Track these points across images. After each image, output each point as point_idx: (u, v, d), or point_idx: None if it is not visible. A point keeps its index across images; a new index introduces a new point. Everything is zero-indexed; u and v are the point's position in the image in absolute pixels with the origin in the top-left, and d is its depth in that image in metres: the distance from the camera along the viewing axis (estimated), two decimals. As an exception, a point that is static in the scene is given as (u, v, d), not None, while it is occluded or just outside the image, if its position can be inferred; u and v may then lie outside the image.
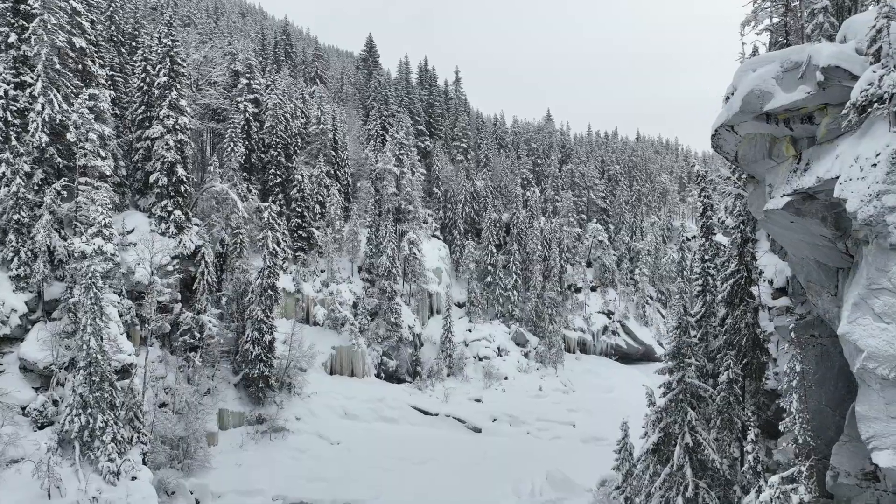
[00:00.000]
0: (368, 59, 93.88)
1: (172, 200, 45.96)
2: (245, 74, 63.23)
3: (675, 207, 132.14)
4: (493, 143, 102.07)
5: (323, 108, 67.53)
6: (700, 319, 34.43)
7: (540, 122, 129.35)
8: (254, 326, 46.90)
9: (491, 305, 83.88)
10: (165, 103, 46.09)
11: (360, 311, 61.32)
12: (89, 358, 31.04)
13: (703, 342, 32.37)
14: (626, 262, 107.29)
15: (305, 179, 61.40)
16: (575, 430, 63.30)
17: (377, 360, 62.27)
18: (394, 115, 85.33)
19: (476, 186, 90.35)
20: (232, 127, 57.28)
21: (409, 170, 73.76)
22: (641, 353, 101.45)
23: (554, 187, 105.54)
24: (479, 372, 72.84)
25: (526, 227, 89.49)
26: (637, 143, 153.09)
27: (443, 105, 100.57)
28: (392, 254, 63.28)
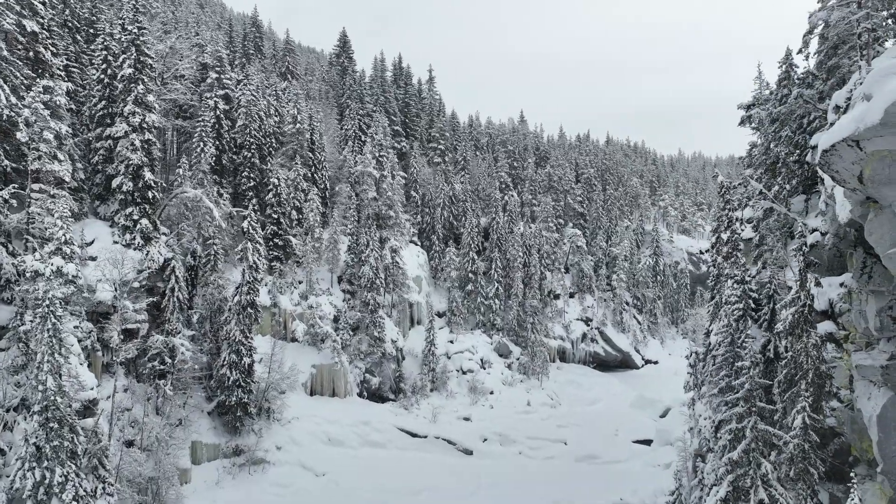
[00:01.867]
0: (342, 55, 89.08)
1: (139, 208, 40.77)
2: (215, 68, 57.98)
3: (647, 211, 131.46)
4: (470, 145, 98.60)
5: (300, 106, 62.70)
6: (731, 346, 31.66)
7: (514, 123, 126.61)
8: (231, 348, 42.11)
9: (472, 314, 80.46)
10: (130, 98, 40.85)
11: (341, 326, 56.91)
12: (46, 400, 26.09)
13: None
14: (603, 268, 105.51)
15: (282, 183, 56.61)
16: (567, 448, 60.48)
17: (360, 378, 58.00)
18: (370, 115, 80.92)
19: (455, 190, 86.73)
20: (201, 125, 52.09)
21: (390, 173, 69.57)
22: (619, 361, 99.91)
23: (531, 191, 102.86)
24: (463, 386, 69.31)
25: (506, 233, 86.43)
26: (607, 146, 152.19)
27: (418, 105, 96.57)
28: (375, 263, 59.04)
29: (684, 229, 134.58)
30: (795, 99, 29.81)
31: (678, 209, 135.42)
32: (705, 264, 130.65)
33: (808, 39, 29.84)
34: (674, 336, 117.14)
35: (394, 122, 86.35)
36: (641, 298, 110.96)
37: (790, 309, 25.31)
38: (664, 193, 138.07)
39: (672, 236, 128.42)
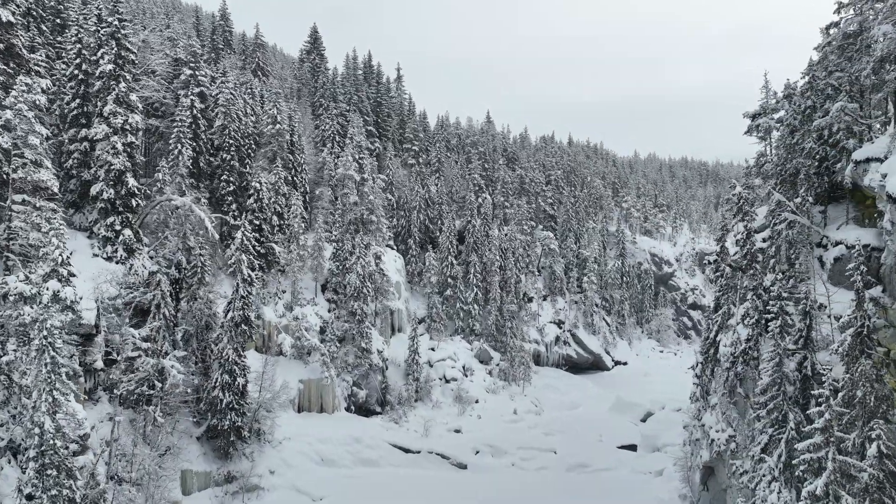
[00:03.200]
0: (313, 52, 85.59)
1: (121, 217, 37.25)
2: (189, 63, 54.23)
3: (610, 213, 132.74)
4: (442, 146, 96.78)
5: (279, 106, 59.44)
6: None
7: (480, 124, 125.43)
8: (223, 368, 39.04)
9: (451, 320, 78.83)
10: (111, 97, 37.22)
11: (327, 338, 54.23)
12: (43, 444, 22.98)
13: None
14: (573, 270, 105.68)
15: (263, 187, 53.43)
16: (557, 458, 59.67)
17: (347, 392, 55.51)
18: (343, 115, 78.02)
19: (430, 192, 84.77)
20: (178, 126, 48.44)
21: (370, 176, 67.08)
22: (590, 363, 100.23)
23: (503, 193, 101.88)
24: (448, 395, 67.61)
25: (482, 237, 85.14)
26: (570, 147, 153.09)
27: (389, 105, 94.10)
28: (362, 271, 56.58)
29: (646, 230, 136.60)
30: (839, 112, 29.35)
31: (640, 210, 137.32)
32: (668, 265, 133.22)
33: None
34: (639, 336, 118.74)
35: (367, 122, 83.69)
36: (610, 300, 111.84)
37: (848, 330, 24.62)
38: (626, 195, 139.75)
39: (635, 237, 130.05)
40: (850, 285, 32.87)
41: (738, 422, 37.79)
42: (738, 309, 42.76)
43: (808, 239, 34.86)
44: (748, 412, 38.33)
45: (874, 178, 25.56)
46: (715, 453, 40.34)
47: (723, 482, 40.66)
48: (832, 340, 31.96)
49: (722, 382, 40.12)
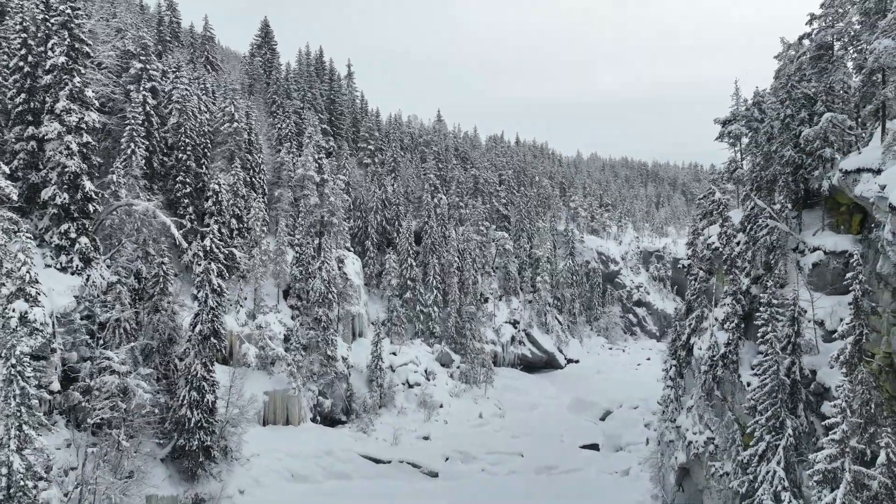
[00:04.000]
0: (264, 46, 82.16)
1: (76, 224, 34.16)
2: (139, 56, 50.77)
3: (558, 212, 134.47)
4: (398, 146, 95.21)
5: (236, 103, 56.52)
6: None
7: (432, 122, 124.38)
8: (191, 385, 36.49)
9: (410, 323, 77.58)
10: (64, 93, 34.02)
11: (292, 346, 52.00)
12: (12, 486, 20.52)
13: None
14: (527, 270, 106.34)
15: (223, 189, 50.65)
16: (525, 461, 59.55)
17: (313, 401, 53.48)
18: (298, 113, 75.29)
19: (387, 193, 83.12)
20: (131, 124, 45.17)
21: (331, 176, 64.95)
22: (544, 362, 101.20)
23: (458, 193, 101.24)
24: (412, 401, 66.41)
25: (440, 238, 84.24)
26: (517, 146, 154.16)
27: (342, 102, 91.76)
28: (327, 276, 54.61)
29: (593, 230, 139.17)
30: (828, 122, 29.98)
31: (587, 210, 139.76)
32: (614, 264, 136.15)
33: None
34: (589, 334, 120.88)
35: (322, 120, 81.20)
36: (561, 299, 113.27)
37: (848, 338, 25.06)
38: (573, 195, 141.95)
39: (582, 237, 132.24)
40: (828, 290, 34.02)
41: (717, 424, 38.40)
42: (713, 312, 43.59)
43: (787, 245, 35.66)
44: (726, 415, 39.06)
45: (869, 188, 26.14)
46: (693, 455, 40.91)
47: (700, 483, 41.28)
48: (814, 345, 32.88)
49: (699, 385, 40.72)
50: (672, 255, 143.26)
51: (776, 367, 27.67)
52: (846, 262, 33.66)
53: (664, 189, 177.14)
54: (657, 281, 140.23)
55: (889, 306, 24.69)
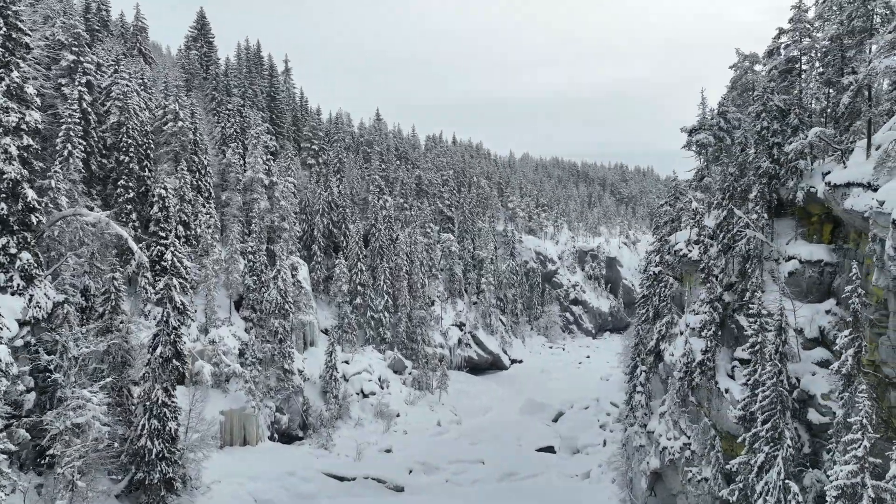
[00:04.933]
0: (199, 39, 77.10)
1: (16, 238, 30.24)
2: (72, 47, 46.16)
3: (497, 213, 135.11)
4: (342, 145, 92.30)
5: (181, 100, 52.50)
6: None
7: (371, 121, 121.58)
8: (151, 413, 33.20)
9: (361, 329, 75.31)
10: (0, 89, 30.00)
11: (248, 361, 48.95)
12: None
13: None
14: (471, 272, 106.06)
15: (170, 194, 46.89)
16: (486, 468, 58.95)
17: (270, 418, 50.58)
18: (239, 111, 71.29)
19: (333, 195, 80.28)
20: (67, 122, 40.87)
21: (279, 179, 61.78)
22: (490, 363, 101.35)
23: (402, 194, 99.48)
24: (367, 411, 64.37)
25: (387, 241, 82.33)
26: (454, 146, 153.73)
27: (283, 99, 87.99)
28: (283, 286, 51.75)
29: (530, 230, 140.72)
30: (815, 136, 30.62)
31: (525, 210, 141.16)
32: (552, 263, 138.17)
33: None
34: (530, 334, 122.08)
35: (263, 118, 77.35)
36: (504, 299, 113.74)
37: (848, 350, 25.56)
38: (511, 195, 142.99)
39: (521, 237, 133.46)
40: (808, 298, 35.03)
41: (695, 430, 38.90)
42: (683, 318, 44.28)
43: (763, 254, 36.49)
44: (703, 420, 39.68)
45: (863, 203, 26.76)
46: (668, 461, 41.38)
47: (674, 488, 41.80)
48: (795, 353, 33.72)
49: (674, 391, 41.19)
50: (606, 254, 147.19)
51: (776, 378, 27.93)
52: (821, 271, 34.80)
53: (595, 189, 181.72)
54: (592, 279, 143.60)
55: (872, 315, 25.32)
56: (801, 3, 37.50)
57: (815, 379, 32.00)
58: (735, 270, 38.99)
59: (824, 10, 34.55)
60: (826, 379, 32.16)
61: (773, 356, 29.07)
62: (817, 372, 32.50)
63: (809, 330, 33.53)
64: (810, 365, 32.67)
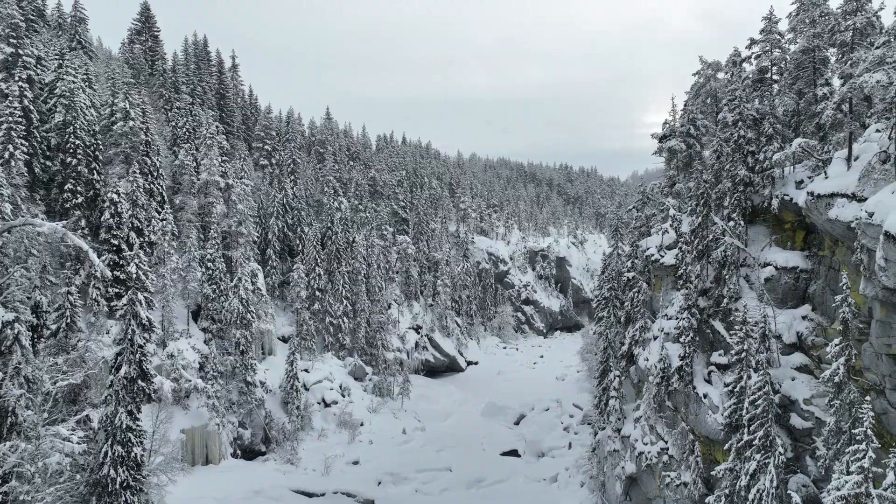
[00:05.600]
0: (144, 32, 72.81)
1: (-40, 251, 27.31)
2: (9, 39, 42.52)
3: (449, 213, 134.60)
4: (297, 145, 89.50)
5: (132, 98, 49.21)
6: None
7: (321, 120, 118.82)
8: (114, 438, 30.66)
9: (319, 335, 73.12)
10: (-60, 86, 26.95)
11: (209, 374, 46.40)
12: None
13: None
14: (427, 273, 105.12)
15: (122, 199, 43.87)
16: (454, 475, 58.25)
17: (233, 434, 48.16)
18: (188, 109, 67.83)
19: (288, 197, 77.66)
20: (8, 121, 37.51)
21: (237, 181, 59.09)
22: (446, 366, 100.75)
23: (357, 195, 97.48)
24: (330, 421, 62.44)
25: (344, 244, 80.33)
26: (404, 146, 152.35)
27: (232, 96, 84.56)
28: (245, 295, 49.37)
29: (482, 230, 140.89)
30: (801, 148, 31.14)
31: (476, 211, 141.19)
32: (503, 264, 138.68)
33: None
34: (484, 335, 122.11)
35: (214, 117, 73.98)
36: (459, 301, 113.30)
37: (840, 359, 26.01)
38: (462, 195, 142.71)
39: (473, 237, 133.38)
40: (779, 304, 35.79)
41: (674, 436, 39.21)
42: (656, 323, 44.63)
43: (738, 260, 37.09)
44: (679, 425, 40.07)
45: (851, 213, 27.32)
46: (645, 465, 41.64)
47: (650, 492, 42.08)
48: (775, 359, 34.37)
49: (650, 396, 41.46)
50: (556, 254, 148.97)
51: (767, 386, 28.21)
52: (797, 277, 35.65)
53: (542, 189, 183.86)
54: (543, 279, 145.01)
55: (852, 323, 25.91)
56: (772, 15, 38.47)
57: (795, 384, 32.72)
58: (710, 276, 39.63)
59: (797, 23, 35.35)
60: (806, 384, 33.01)
61: (761, 364, 29.41)
62: (797, 377, 33.27)
63: (788, 335, 34.26)
64: (789, 370, 33.44)
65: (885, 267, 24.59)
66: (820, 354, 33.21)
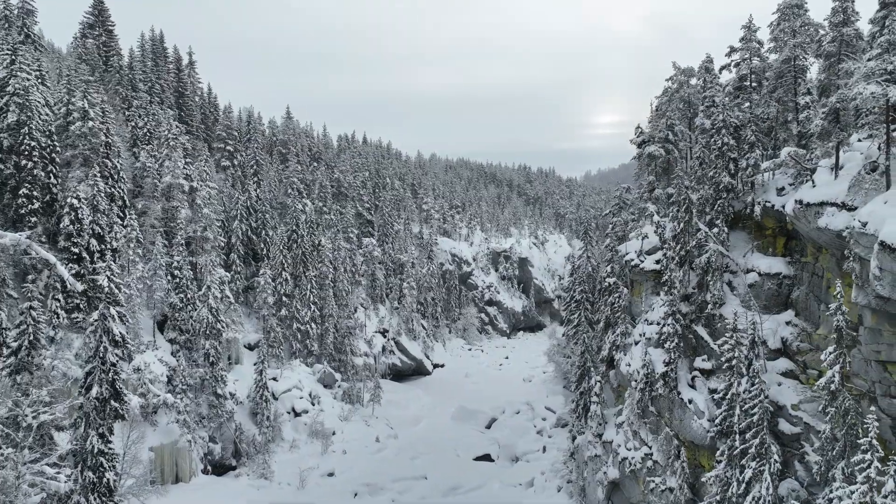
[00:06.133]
0: (97, 26, 69.08)
1: (-87, 266, 24.88)
2: (-43, 33, 39.44)
3: (412, 215, 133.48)
4: (260, 146, 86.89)
5: (90, 96, 46.45)
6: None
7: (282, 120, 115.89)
8: (85, 464, 28.62)
9: (287, 341, 71.08)
10: None
11: (178, 388, 44.23)
12: None
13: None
14: (392, 276, 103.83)
15: (83, 204, 41.36)
16: (430, 483, 57.48)
17: (204, 450, 46.07)
18: (145, 108, 64.87)
19: (252, 199, 75.24)
20: (-42, 121, 34.74)
21: (200, 184, 56.74)
22: (413, 369, 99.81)
23: (321, 197, 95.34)
24: (301, 431, 60.69)
25: (310, 248, 78.39)
26: (366, 146, 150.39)
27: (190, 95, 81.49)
28: (215, 304, 47.34)
29: (445, 231, 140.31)
30: (790, 157, 31.44)
31: (439, 212, 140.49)
32: (467, 265, 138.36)
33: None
34: (449, 337, 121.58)
35: (174, 116, 71.05)
36: (424, 303, 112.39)
37: (835, 367, 26.28)
38: (425, 196, 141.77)
39: (436, 239, 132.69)
40: (762, 310, 36.22)
41: (660, 441, 39.28)
42: (636, 328, 44.76)
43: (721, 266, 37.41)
44: (663, 430, 40.20)
45: (842, 222, 27.65)
46: (629, 471, 41.65)
47: (633, 498, 42.13)
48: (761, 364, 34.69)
49: (633, 402, 41.49)
50: (518, 255, 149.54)
51: (762, 395, 28.34)
52: (780, 283, 36.14)
53: (503, 190, 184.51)
54: (506, 280, 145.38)
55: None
56: (752, 23, 38.96)
57: (781, 389, 33.12)
58: (691, 282, 39.91)
59: (779, 33, 35.83)
60: (793, 389, 33.47)
61: (757, 372, 29.57)
62: (783, 382, 33.71)
63: (773, 341, 34.70)
64: (776, 376, 33.84)
65: (880, 276, 24.87)
66: (805, 360, 33.82)
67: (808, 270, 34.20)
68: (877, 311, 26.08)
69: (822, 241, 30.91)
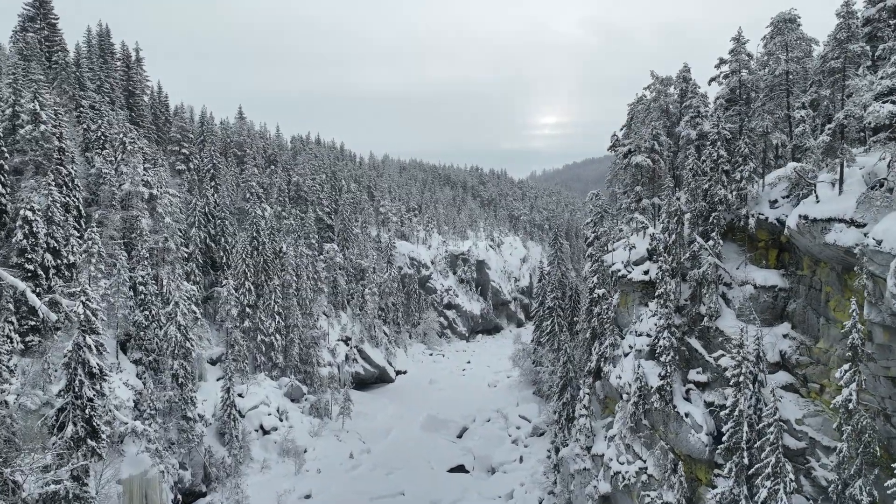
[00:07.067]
0: (39, 19, 64.01)
1: None
2: None
3: (369, 218, 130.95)
4: (217, 149, 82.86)
5: (41, 98, 42.53)
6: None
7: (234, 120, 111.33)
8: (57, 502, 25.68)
9: (251, 354, 67.88)
10: None
11: (145, 413, 41.07)
12: None
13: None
14: (354, 282, 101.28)
15: (38, 217, 37.78)
16: (409, 500, 55.78)
17: (174, 478, 42.96)
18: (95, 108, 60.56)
19: (210, 205, 71.59)
20: None
21: (162, 191, 53.25)
22: (376, 377, 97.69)
23: (280, 202, 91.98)
24: (271, 450, 57.87)
25: (271, 255, 75.25)
26: (319, 147, 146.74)
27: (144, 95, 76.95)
28: (183, 321, 44.27)
29: (403, 234, 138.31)
30: (794, 171, 31.34)
31: (397, 215, 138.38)
32: (425, 268, 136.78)
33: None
34: (410, 342, 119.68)
35: (126, 117, 66.72)
36: (385, 309, 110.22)
37: (851, 385, 26.20)
38: (381, 198, 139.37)
39: (394, 242, 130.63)
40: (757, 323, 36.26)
41: (657, 456, 38.81)
42: (626, 340, 44.34)
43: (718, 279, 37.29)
44: (658, 444, 39.81)
45: (852, 238, 27.66)
46: (622, 485, 41.10)
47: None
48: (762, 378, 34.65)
49: (626, 415, 40.98)
50: (476, 258, 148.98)
51: (777, 413, 28.09)
52: (775, 296, 36.26)
53: (458, 192, 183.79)
54: (464, 283, 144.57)
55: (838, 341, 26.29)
56: (741, 36, 39.04)
57: (783, 403, 33.11)
58: (684, 294, 39.73)
59: (773, 47, 35.92)
60: (794, 402, 33.60)
61: (772, 393, 29.34)
62: (784, 396, 33.79)
63: (772, 354, 34.78)
64: (777, 390, 33.87)
65: (897, 295, 24.85)
66: (805, 373, 34.03)
67: (804, 283, 34.38)
68: (889, 328, 26.14)
69: (825, 256, 30.97)
